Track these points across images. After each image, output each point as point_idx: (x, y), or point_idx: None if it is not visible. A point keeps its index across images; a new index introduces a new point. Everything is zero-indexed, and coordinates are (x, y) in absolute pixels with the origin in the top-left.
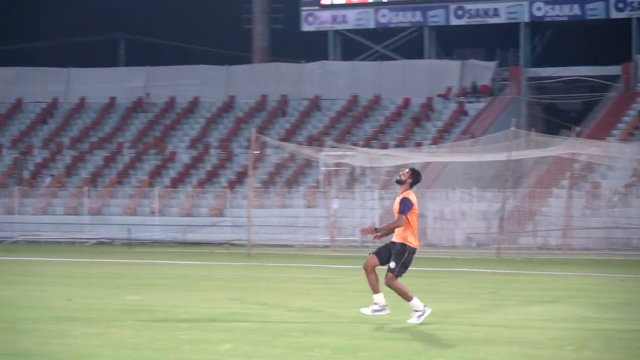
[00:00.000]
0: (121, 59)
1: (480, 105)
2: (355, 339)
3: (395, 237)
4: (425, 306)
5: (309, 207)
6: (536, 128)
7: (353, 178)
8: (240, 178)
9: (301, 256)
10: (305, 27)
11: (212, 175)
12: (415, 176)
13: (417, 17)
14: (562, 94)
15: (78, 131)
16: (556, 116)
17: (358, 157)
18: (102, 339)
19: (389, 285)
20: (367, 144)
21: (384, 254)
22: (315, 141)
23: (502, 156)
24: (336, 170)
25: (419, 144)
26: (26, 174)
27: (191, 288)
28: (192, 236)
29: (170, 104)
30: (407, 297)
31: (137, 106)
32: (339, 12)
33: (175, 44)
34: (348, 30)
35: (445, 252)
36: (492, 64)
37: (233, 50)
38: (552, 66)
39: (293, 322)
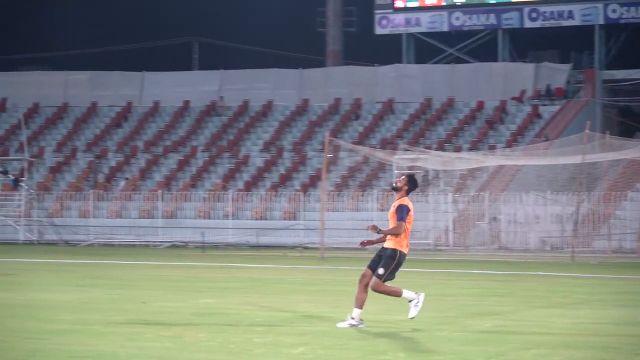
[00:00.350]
0: (195, 63)
1: (555, 108)
2: (429, 341)
3: (387, 243)
4: (417, 293)
5: (383, 210)
6: (611, 131)
7: (426, 181)
8: (314, 181)
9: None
10: (379, 30)
11: (286, 179)
12: (411, 183)
13: (491, 19)
14: (637, 97)
15: (152, 135)
16: (631, 119)
17: (431, 160)
18: (176, 342)
19: (375, 290)
20: (441, 147)
21: (377, 266)
22: (388, 144)
23: (576, 159)
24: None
25: (492, 147)
26: (101, 178)
27: (265, 291)
28: (265, 239)
29: (244, 107)
30: (397, 294)
31: (211, 110)
32: (413, 15)
33: (248, 47)
34: (421, 33)
35: (519, 255)
36: (566, 67)
37: (307, 53)
38: (626, 68)
39: (366, 325)
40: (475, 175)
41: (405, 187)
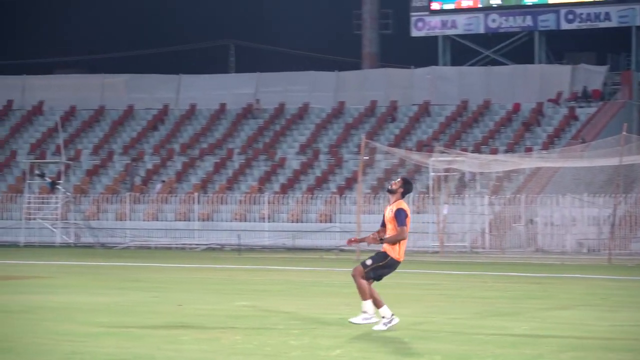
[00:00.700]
0: (231, 66)
1: (591, 110)
2: (465, 344)
3: (384, 246)
4: (374, 314)
5: (419, 212)
6: None
7: (463, 184)
8: (350, 184)
9: (410, 262)
10: (415, 33)
11: (322, 181)
12: (406, 186)
13: (528, 21)
14: None
15: (188, 137)
16: None
17: (468, 162)
18: (213, 344)
19: (354, 276)
20: (477, 150)
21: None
22: (424, 147)
23: (613, 161)
24: (446, 175)
25: (529, 149)
26: (137, 180)
27: (301, 294)
28: (301, 242)
29: (280, 109)
30: (364, 296)
31: (247, 112)
32: (449, 17)
33: (285, 50)
34: (458, 35)
35: (556, 257)
36: (603, 69)
37: (343, 55)
38: None
39: (403, 328)
40: (511, 177)
41: (401, 190)
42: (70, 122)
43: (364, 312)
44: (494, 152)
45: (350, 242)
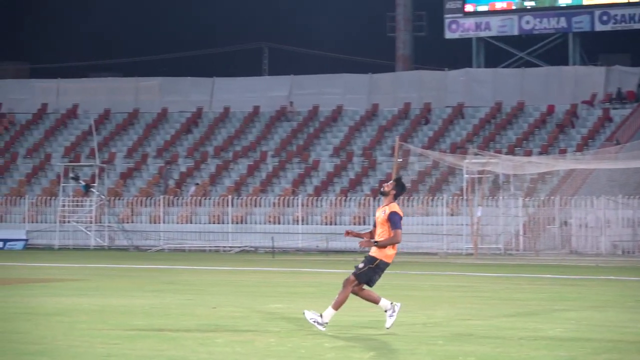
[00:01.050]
0: (265, 68)
1: (626, 111)
2: (500, 346)
3: (372, 249)
4: (325, 324)
5: (453, 215)
6: None
7: (497, 186)
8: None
9: (444, 264)
10: (449, 35)
11: (355, 184)
12: (399, 187)
13: (562, 23)
14: None
15: (222, 140)
16: None
17: (502, 164)
18: (247, 347)
19: (344, 284)
20: (511, 152)
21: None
22: (458, 149)
23: None
24: (480, 177)
25: (563, 151)
26: (171, 183)
27: (335, 296)
28: (335, 244)
29: (314, 112)
30: (336, 305)
31: (281, 115)
32: (483, 19)
33: (318, 53)
34: (491, 37)
35: (590, 259)
36: (637, 70)
37: (376, 58)
38: None
39: (437, 330)
40: (545, 179)
41: (393, 192)
42: (104, 125)
43: (321, 315)
44: (528, 154)
45: (347, 233)
